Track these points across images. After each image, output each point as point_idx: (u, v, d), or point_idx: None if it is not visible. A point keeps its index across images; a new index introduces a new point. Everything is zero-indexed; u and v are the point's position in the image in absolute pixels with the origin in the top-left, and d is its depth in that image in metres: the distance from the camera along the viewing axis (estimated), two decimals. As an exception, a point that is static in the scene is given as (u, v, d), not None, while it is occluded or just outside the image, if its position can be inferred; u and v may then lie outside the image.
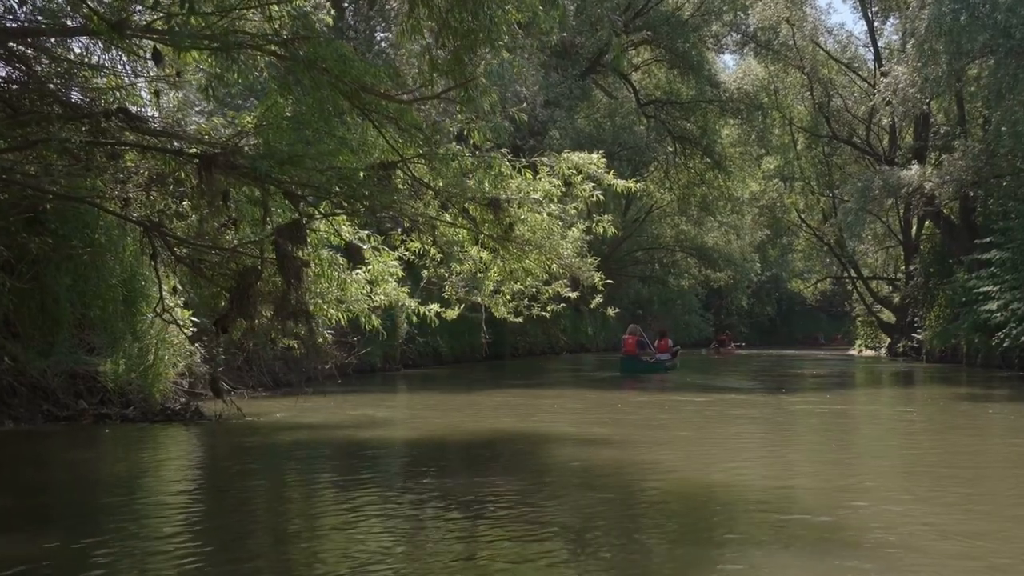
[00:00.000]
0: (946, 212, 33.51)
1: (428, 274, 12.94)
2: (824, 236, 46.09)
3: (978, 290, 26.76)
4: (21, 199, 10.09)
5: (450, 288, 13.04)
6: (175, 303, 11.52)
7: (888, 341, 42.56)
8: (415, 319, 13.18)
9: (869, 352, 45.75)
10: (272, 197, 9.15)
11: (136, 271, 11.89)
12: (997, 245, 26.75)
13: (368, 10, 25.31)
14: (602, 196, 11.67)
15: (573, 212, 12.17)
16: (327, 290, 10.97)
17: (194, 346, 12.66)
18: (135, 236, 10.84)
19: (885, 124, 40.50)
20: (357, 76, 8.77)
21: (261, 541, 5.85)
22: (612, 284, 17.41)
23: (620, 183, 11.37)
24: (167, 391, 12.17)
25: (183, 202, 9.88)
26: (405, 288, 12.32)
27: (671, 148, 42.59)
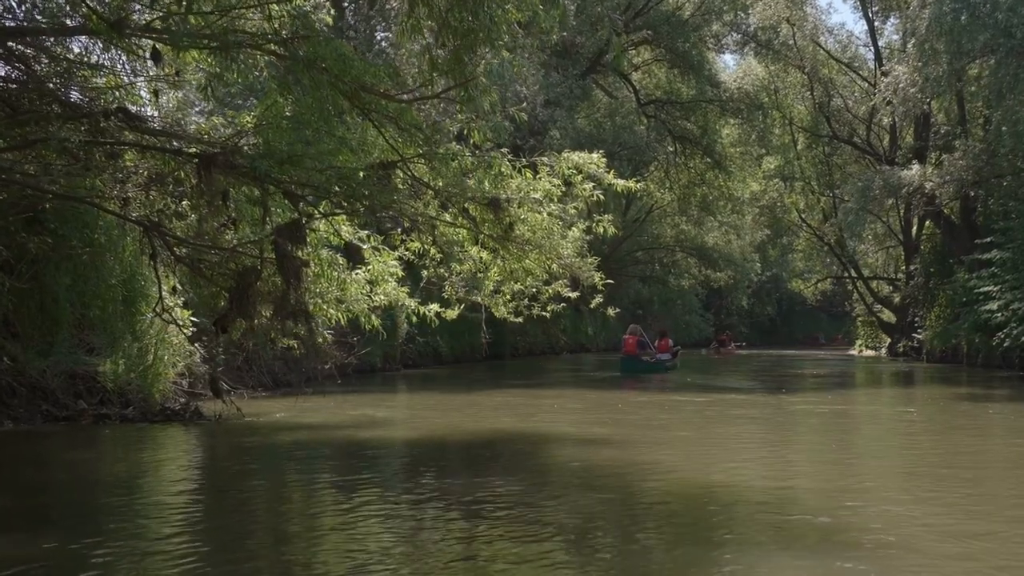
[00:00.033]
0: (947, 212, 33.49)
1: (428, 274, 12.94)
2: (824, 236, 46.07)
3: (979, 290, 26.74)
4: (20, 199, 10.08)
5: (450, 288, 13.03)
6: (175, 303, 11.51)
7: (888, 341, 42.54)
8: (415, 319, 13.18)
9: (869, 352, 45.72)
10: (272, 197, 9.14)
11: (135, 271, 11.88)
12: (998, 245, 26.74)
13: (368, 10, 25.30)
14: (602, 196, 11.66)
15: (573, 212, 12.16)
16: (327, 290, 10.95)
17: (194, 346, 12.65)
18: (134, 236, 10.84)
19: (886, 124, 40.47)
20: (357, 75, 8.76)
21: (260, 541, 5.84)
22: (612, 284, 17.38)
23: (620, 183, 11.36)
24: (167, 391, 12.15)
25: (182, 202, 9.88)
26: (405, 288, 12.30)
27: (671, 148, 42.58)
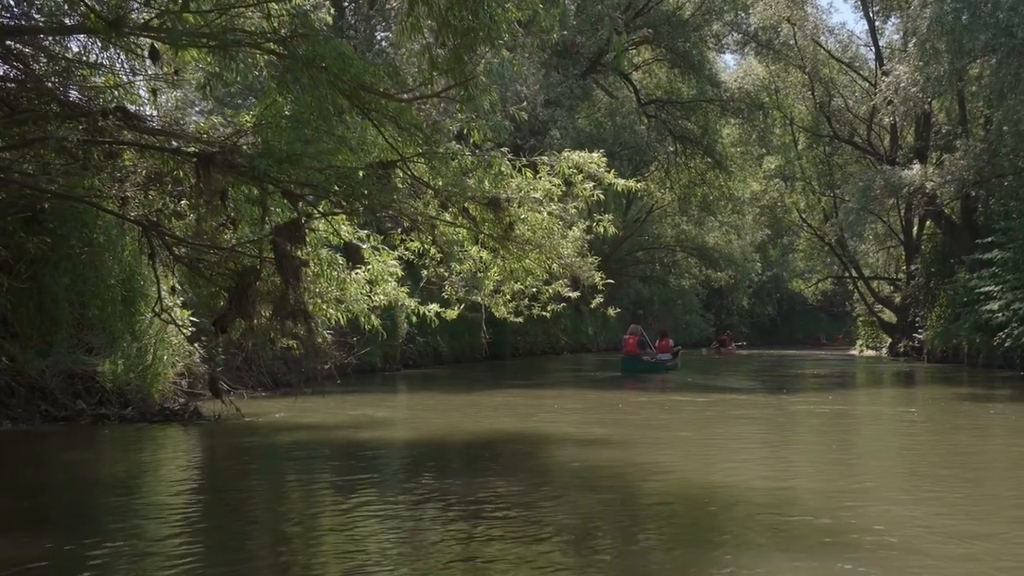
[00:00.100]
0: (947, 212, 33.46)
1: (428, 274, 12.91)
2: (825, 236, 46.02)
3: (979, 290, 26.71)
4: (19, 198, 10.07)
5: (450, 288, 13.00)
6: (174, 303, 11.49)
7: (889, 341, 42.50)
8: (415, 319, 13.16)
9: (870, 352, 45.68)
10: (271, 196, 9.11)
11: (135, 271, 11.86)
12: (999, 245, 26.71)
13: (368, 9, 25.27)
14: (602, 195, 11.63)
15: (573, 211, 12.12)
16: (326, 290, 10.93)
17: (193, 346, 12.62)
18: (133, 236, 10.81)
19: (886, 124, 40.44)
20: (356, 74, 8.73)
21: (259, 542, 5.82)
22: (613, 284, 17.36)
23: (621, 182, 11.33)
24: (166, 391, 12.12)
25: (181, 201, 9.85)
26: (405, 288, 12.28)
27: (672, 148, 42.55)
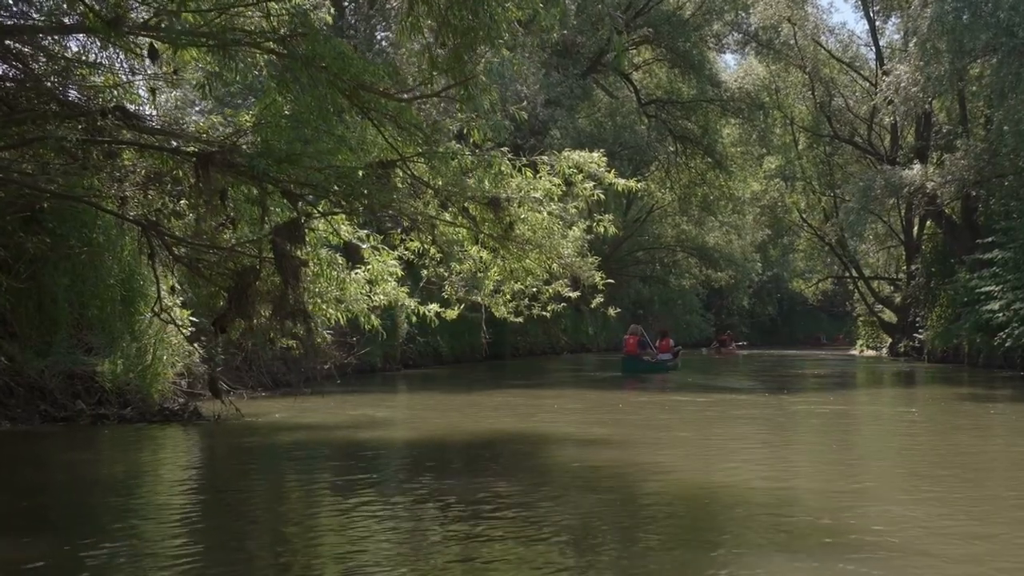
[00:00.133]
0: (948, 212, 33.43)
1: (428, 274, 12.89)
2: (825, 236, 45.98)
3: (980, 290, 26.67)
4: (18, 198, 10.05)
5: (450, 288, 12.98)
6: (173, 303, 11.47)
7: (889, 341, 42.45)
8: (415, 319, 13.14)
9: (870, 352, 45.63)
10: (270, 196, 9.09)
11: (134, 270, 11.84)
12: (999, 245, 26.68)
13: (368, 9, 25.25)
14: (603, 195, 11.61)
15: (574, 211, 12.11)
16: (326, 290, 10.91)
17: (192, 346, 12.59)
18: (133, 235, 10.79)
19: (887, 123, 40.39)
20: (356, 74, 8.71)
21: (259, 542, 5.81)
22: (613, 284, 17.34)
23: (621, 182, 11.30)
24: (165, 391, 12.10)
25: (180, 201, 9.83)
26: (405, 288, 12.26)
27: (672, 148, 42.52)
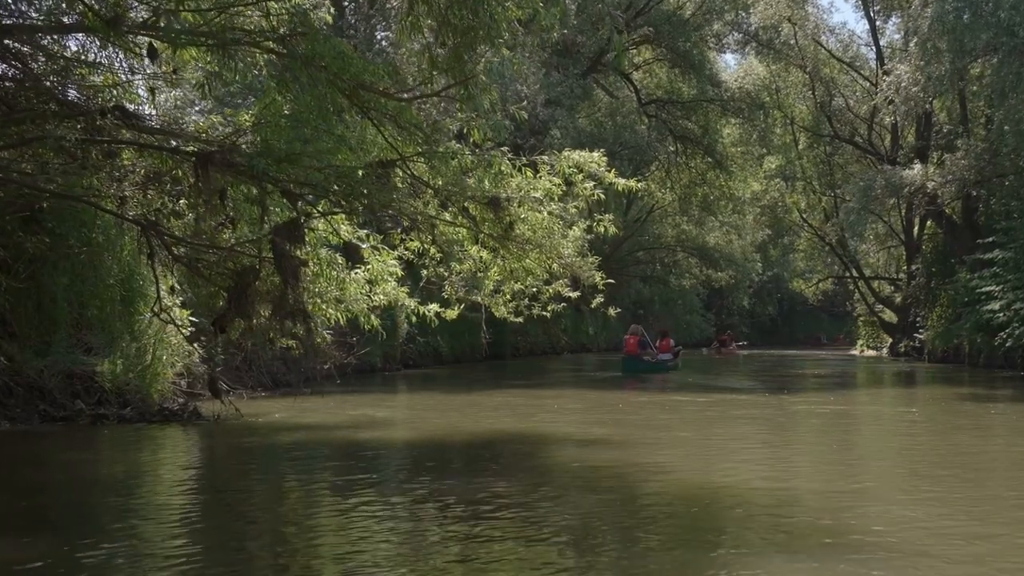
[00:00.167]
0: (948, 212, 33.40)
1: (428, 274, 12.88)
2: (826, 236, 45.96)
3: (980, 290, 26.65)
4: (17, 197, 10.04)
5: (450, 288, 12.97)
6: (173, 303, 11.45)
7: (890, 341, 42.43)
8: (415, 319, 13.13)
9: (871, 352, 45.61)
10: (270, 196, 9.07)
11: (134, 270, 11.82)
12: (1000, 245, 26.66)
13: (368, 9, 25.23)
14: (603, 195, 11.59)
15: (574, 211, 12.09)
16: (326, 290, 10.89)
17: (192, 346, 12.57)
18: (132, 235, 10.77)
19: (887, 123, 40.36)
20: (356, 73, 8.69)
21: (259, 542, 5.79)
22: (613, 284, 17.32)
23: (621, 182, 11.28)
24: (165, 391, 12.08)
25: (180, 201, 9.81)
26: (405, 288, 12.24)
27: (672, 148, 42.52)
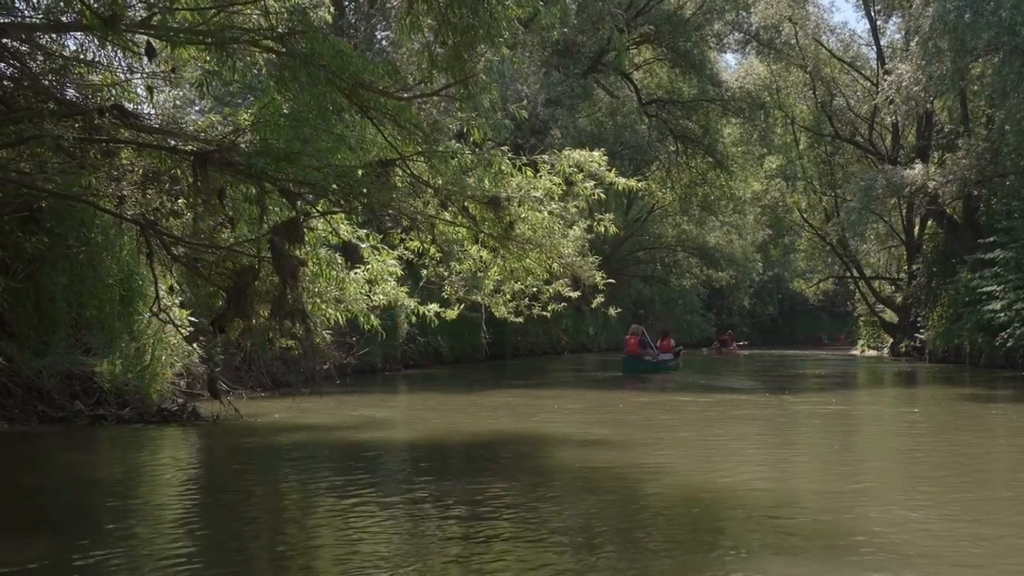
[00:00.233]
0: (949, 211, 33.37)
1: (427, 273, 12.85)
2: (826, 236, 45.93)
3: (981, 290, 26.62)
4: (16, 197, 10.00)
5: (450, 288, 12.94)
6: (172, 302, 11.42)
7: (891, 341, 42.39)
8: (415, 319, 13.10)
9: (871, 352, 45.56)
10: (269, 195, 9.04)
11: (133, 270, 11.79)
12: (1001, 245, 26.63)
13: (368, 8, 25.21)
14: (603, 195, 11.56)
15: (574, 211, 12.05)
16: (325, 289, 10.86)
17: (191, 346, 12.53)
18: (131, 235, 10.74)
19: (888, 123, 40.32)
20: (355, 72, 8.66)
21: (258, 543, 5.77)
22: (614, 284, 17.30)
23: (621, 181, 11.26)
24: (164, 392, 12.05)
25: (178, 200, 9.78)
26: (404, 288, 12.21)
27: (673, 147, 42.50)
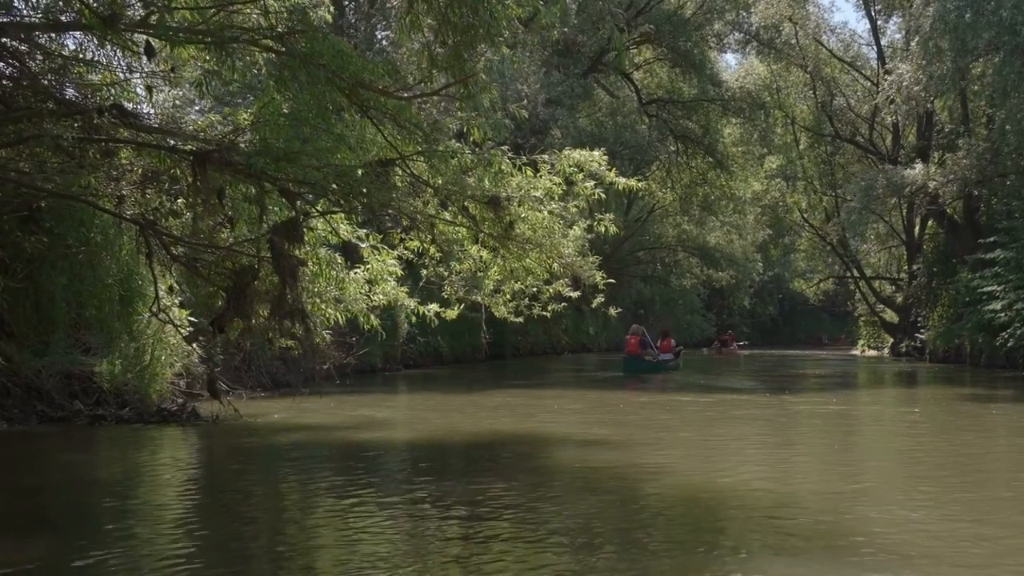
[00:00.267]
0: (949, 211, 33.35)
1: (427, 273, 12.83)
2: (827, 236, 45.92)
3: (982, 290, 26.61)
4: (15, 197, 9.99)
5: (450, 287, 12.92)
6: (171, 302, 11.40)
7: (891, 341, 42.36)
8: (415, 319, 13.08)
9: (872, 352, 45.54)
10: (268, 195, 9.02)
11: (132, 270, 11.77)
12: (1001, 244, 26.62)
13: (368, 7, 25.19)
14: (603, 195, 11.54)
15: (574, 210, 12.04)
16: (325, 289, 10.84)
17: (191, 346, 12.51)
18: (131, 235, 10.73)
19: (888, 123, 40.31)
20: (355, 72, 8.64)
21: (257, 544, 5.75)
22: (614, 284, 17.29)
23: (622, 181, 11.24)
24: (163, 392, 12.03)
25: (177, 200, 9.76)
26: (404, 287, 12.19)
27: (673, 147, 42.49)
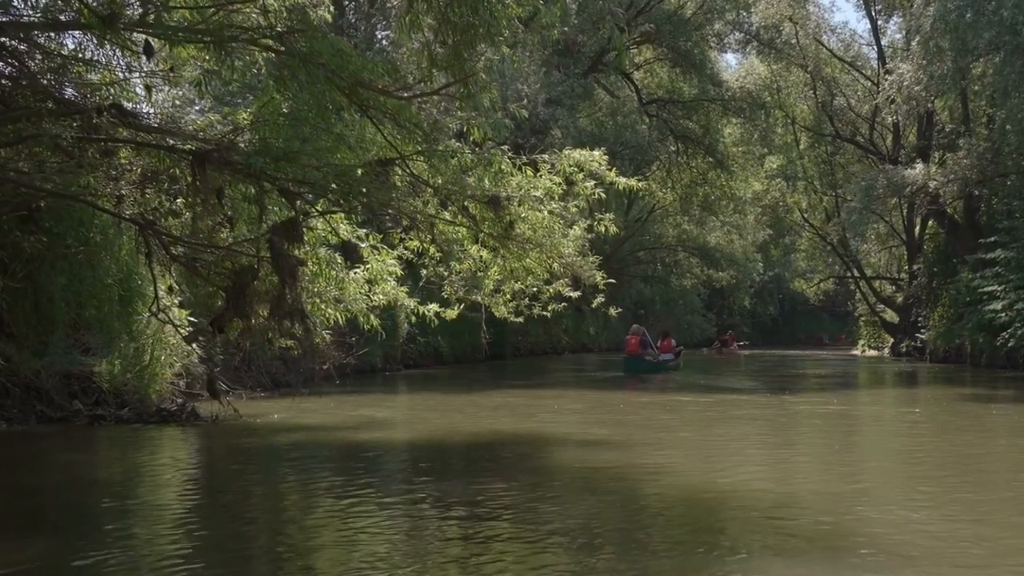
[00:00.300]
0: (950, 211, 33.32)
1: (427, 273, 12.81)
2: (827, 236, 45.90)
3: (982, 290, 26.60)
4: (14, 196, 9.97)
5: (450, 287, 12.90)
6: (171, 302, 11.38)
7: (891, 341, 42.34)
8: (415, 319, 13.06)
9: (872, 352, 45.51)
10: (268, 194, 9.00)
11: (132, 270, 11.76)
12: (1002, 244, 26.61)
13: (368, 7, 25.17)
14: (604, 195, 11.52)
15: (574, 210, 12.02)
16: (325, 289, 10.82)
17: (190, 346, 12.50)
18: (130, 235, 10.72)
19: (889, 123, 40.29)
20: (355, 71, 8.62)
21: (257, 544, 5.75)
22: (614, 284, 17.27)
23: (622, 181, 11.22)
24: (163, 392, 12.02)
25: (177, 200, 9.75)
26: (404, 287, 12.17)
27: (673, 147, 42.47)
